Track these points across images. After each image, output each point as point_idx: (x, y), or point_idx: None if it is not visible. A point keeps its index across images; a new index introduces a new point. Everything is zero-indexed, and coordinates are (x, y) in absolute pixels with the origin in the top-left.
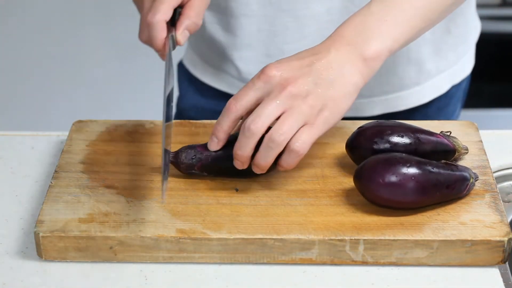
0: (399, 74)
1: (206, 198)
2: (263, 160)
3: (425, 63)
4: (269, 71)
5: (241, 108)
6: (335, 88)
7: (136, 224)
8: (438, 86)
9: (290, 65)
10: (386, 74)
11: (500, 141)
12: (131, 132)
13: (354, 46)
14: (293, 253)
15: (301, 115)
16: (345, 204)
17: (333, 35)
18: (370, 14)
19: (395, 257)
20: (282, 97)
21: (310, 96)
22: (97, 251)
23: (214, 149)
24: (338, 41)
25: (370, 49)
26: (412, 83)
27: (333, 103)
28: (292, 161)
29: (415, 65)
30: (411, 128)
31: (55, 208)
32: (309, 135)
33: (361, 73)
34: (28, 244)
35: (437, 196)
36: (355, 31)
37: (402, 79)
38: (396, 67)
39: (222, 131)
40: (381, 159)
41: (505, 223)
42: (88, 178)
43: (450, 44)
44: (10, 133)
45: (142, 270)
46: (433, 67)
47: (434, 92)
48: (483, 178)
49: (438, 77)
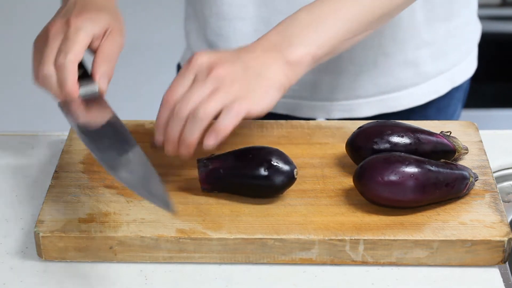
0: (396, 75)
1: (206, 198)
2: (189, 136)
3: (423, 65)
4: (196, 57)
5: (178, 97)
6: (261, 78)
7: (136, 224)
8: (437, 87)
9: (218, 54)
10: (382, 75)
11: (500, 141)
12: (131, 132)
13: (279, 49)
14: (293, 253)
15: (226, 94)
16: (345, 204)
17: (259, 39)
18: (295, 20)
19: (395, 257)
20: (209, 80)
21: (237, 79)
22: (97, 251)
23: (159, 144)
24: (264, 44)
25: (293, 53)
26: (409, 84)
27: (259, 92)
28: (213, 140)
29: (412, 67)
30: (411, 128)
31: (55, 208)
32: (232, 118)
33: (285, 74)
34: (28, 244)
35: (436, 194)
36: (280, 36)
37: (399, 80)
38: (393, 68)
39: (163, 123)
40: (380, 158)
41: (505, 223)
42: (88, 178)
43: (451, 46)
44: (10, 133)
45: (142, 270)
46: (431, 69)
47: (432, 93)
48: (483, 178)
49: (437, 79)
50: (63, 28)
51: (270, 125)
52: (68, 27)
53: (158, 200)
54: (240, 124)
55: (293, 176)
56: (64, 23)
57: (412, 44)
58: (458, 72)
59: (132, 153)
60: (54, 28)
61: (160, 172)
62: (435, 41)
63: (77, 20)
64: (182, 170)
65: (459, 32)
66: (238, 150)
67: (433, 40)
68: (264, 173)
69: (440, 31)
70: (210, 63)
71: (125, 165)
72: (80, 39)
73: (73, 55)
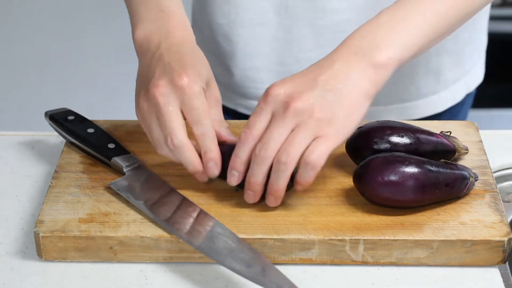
0: (417, 83)
1: (206, 198)
2: (275, 184)
3: (444, 73)
4: (272, 91)
5: (257, 134)
6: (344, 97)
7: (136, 224)
8: (454, 94)
9: (294, 81)
10: (403, 83)
11: (500, 141)
12: (131, 132)
13: (363, 54)
14: (293, 253)
15: (309, 130)
16: (345, 204)
17: (340, 46)
18: (379, 23)
19: (395, 257)
20: (288, 116)
21: (316, 110)
22: (97, 251)
23: (235, 184)
24: (345, 51)
25: (379, 56)
26: (430, 92)
27: (343, 113)
28: (308, 176)
29: (433, 75)
30: (411, 128)
31: (55, 208)
32: (322, 147)
33: (370, 80)
34: (28, 244)
35: (436, 194)
36: (364, 40)
37: (420, 88)
38: (415, 76)
39: (241, 163)
40: (380, 158)
41: (505, 223)
42: (88, 178)
43: (467, 53)
44: (10, 133)
45: (142, 270)
46: (450, 76)
47: (450, 101)
48: (483, 178)
49: (454, 86)
50: (174, 91)
51: None
52: (180, 89)
53: None
54: (240, 124)
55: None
56: (171, 84)
57: (435, 52)
58: (471, 77)
59: None
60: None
61: (160, 172)
62: (456, 49)
63: (186, 79)
64: (182, 170)
65: (475, 39)
66: None
67: (455, 48)
68: None
69: (461, 39)
70: (286, 96)
71: None
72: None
73: (209, 120)
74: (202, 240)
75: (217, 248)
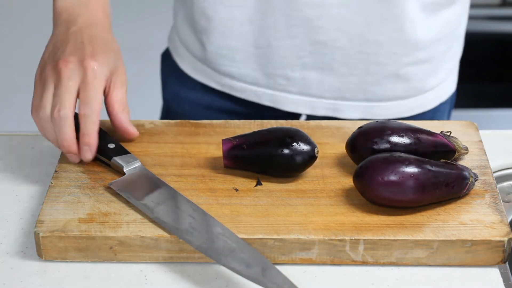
0: (385, 86)
1: (206, 198)
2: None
3: (414, 81)
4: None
5: None
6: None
7: (136, 224)
8: (424, 102)
9: None
10: (371, 84)
11: (500, 141)
12: None
13: None
14: (293, 253)
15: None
16: (345, 204)
17: None
18: None
19: (395, 257)
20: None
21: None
22: (97, 251)
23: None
24: None
25: None
26: (397, 97)
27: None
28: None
29: (403, 82)
30: (411, 128)
31: (55, 208)
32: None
33: None
34: (28, 244)
35: (436, 194)
36: None
37: (387, 91)
38: (383, 79)
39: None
40: (380, 158)
41: (505, 223)
42: (88, 178)
43: (441, 64)
44: (10, 133)
45: (142, 270)
46: (422, 85)
47: (419, 108)
48: (483, 178)
49: (425, 95)
50: (79, 70)
51: (270, 125)
52: (85, 70)
53: None
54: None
55: (314, 155)
56: (79, 63)
57: (407, 60)
58: (444, 88)
59: None
60: (67, 68)
61: (160, 172)
62: (431, 60)
63: (94, 64)
64: (182, 170)
65: (451, 51)
66: (262, 130)
67: (429, 58)
68: (287, 150)
69: (437, 51)
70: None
71: None
72: (99, 89)
73: (98, 105)
74: (202, 240)
75: (217, 248)
